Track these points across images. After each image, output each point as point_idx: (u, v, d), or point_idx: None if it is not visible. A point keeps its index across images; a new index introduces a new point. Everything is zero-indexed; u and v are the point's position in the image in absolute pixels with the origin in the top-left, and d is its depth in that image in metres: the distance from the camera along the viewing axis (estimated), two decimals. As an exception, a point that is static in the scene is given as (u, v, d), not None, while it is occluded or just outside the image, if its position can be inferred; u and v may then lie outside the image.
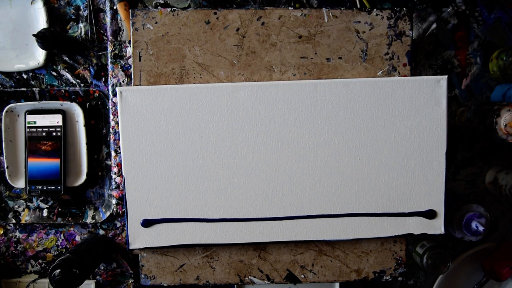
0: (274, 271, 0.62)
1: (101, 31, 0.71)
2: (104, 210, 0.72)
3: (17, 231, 0.74)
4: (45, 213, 0.73)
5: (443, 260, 0.67)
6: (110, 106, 0.69)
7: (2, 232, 0.74)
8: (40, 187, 0.70)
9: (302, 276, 0.62)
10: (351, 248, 0.62)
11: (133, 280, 0.75)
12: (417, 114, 0.57)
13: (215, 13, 0.58)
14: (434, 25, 0.72)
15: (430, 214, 0.59)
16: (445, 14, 0.72)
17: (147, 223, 0.58)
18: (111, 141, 0.70)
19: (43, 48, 0.67)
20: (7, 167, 0.71)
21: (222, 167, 0.58)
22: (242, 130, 0.57)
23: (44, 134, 0.70)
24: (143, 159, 0.57)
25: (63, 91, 0.70)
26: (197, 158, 0.57)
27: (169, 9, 0.57)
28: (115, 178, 0.70)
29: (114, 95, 0.69)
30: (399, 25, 0.59)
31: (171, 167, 0.57)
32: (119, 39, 0.70)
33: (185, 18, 0.57)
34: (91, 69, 0.72)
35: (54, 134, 0.70)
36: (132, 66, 0.58)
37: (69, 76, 0.72)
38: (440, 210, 0.59)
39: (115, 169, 0.70)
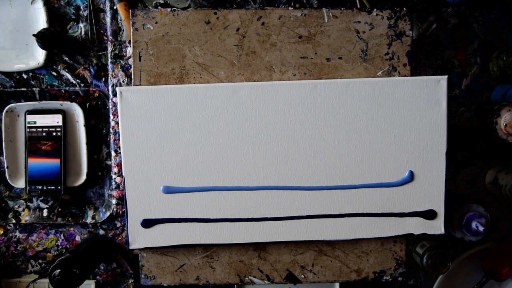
0: (274, 271, 0.62)
1: (101, 31, 0.71)
2: (104, 210, 0.72)
3: (17, 231, 0.74)
4: (45, 213, 0.73)
5: (443, 260, 0.67)
6: (110, 106, 0.69)
7: (2, 232, 0.74)
8: (40, 187, 0.70)
9: (302, 276, 0.62)
10: (351, 248, 0.62)
11: (133, 280, 0.75)
12: (417, 114, 0.57)
13: (215, 13, 0.58)
14: (434, 25, 0.72)
15: (430, 214, 0.59)
16: (445, 14, 0.72)
17: (147, 223, 0.58)
18: (111, 141, 0.70)
19: (43, 48, 0.67)
20: (7, 167, 0.71)
21: (222, 167, 0.58)
22: (242, 130, 0.57)
23: (44, 134, 0.70)
24: (143, 159, 0.57)
25: (63, 91, 0.70)
26: (197, 158, 0.57)
27: (169, 9, 0.57)
28: (115, 178, 0.70)
29: (114, 95, 0.69)
30: (399, 25, 0.59)
31: (171, 167, 0.57)
32: (119, 39, 0.70)
33: (185, 18, 0.57)
34: (91, 69, 0.72)
35: (54, 134, 0.70)
36: (132, 66, 0.58)
37: (69, 76, 0.72)
38: (440, 210, 0.59)
39: (115, 169, 0.70)
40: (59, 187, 0.70)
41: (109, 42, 0.69)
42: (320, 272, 0.62)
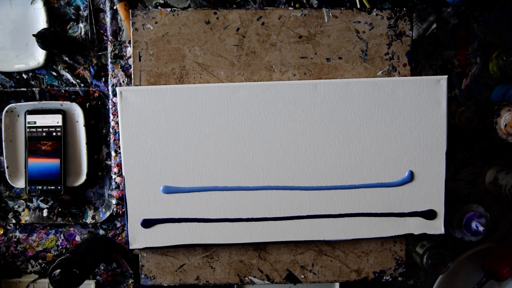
0: (274, 271, 0.62)
1: (101, 31, 0.71)
2: (104, 210, 0.72)
3: (17, 231, 0.74)
4: (45, 213, 0.73)
5: (443, 260, 0.67)
6: (110, 106, 0.69)
7: (2, 232, 0.74)
8: (40, 187, 0.70)
9: (302, 276, 0.62)
10: (351, 248, 0.62)
11: (133, 280, 0.75)
12: (417, 114, 0.57)
13: (215, 13, 0.58)
14: (434, 25, 0.72)
15: (430, 214, 0.59)
16: (445, 14, 0.72)
17: (147, 223, 0.58)
18: (111, 141, 0.70)
19: (43, 48, 0.67)
20: (7, 167, 0.71)
21: (222, 167, 0.58)
22: (242, 130, 0.57)
23: (44, 134, 0.70)
24: (143, 159, 0.57)
25: (63, 91, 0.70)
26: (197, 158, 0.57)
27: (169, 9, 0.57)
28: (115, 178, 0.70)
29: (114, 95, 0.69)
30: (399, 25, 0.59)
31: (171, 167, 0.57)
32: (119, 39, 0.70)
33: (185, 18, 0.57)
34: (91, 69, 0.72)
35: (54, 134, 0.70)
36: (132, 66, 0.58)
37: (69, 76, 0.72)
38: (440, 210, 0.59)
39: (115, 169, 0.70)
40: (59, 187, 0.70)
41: (109, 42, 0.69)
42: (320, 272, 0.62)
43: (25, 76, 0.72)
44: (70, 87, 0.72)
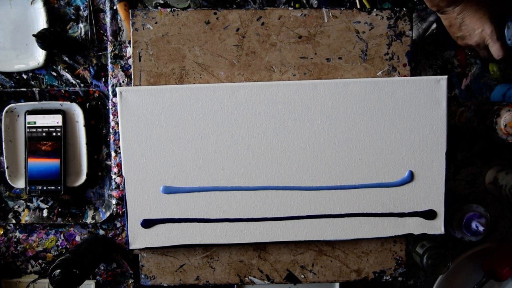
0: (274, 271, 0.62)
1: (101, 31, 0.71)
2: (104, 210, 0.72)
3: (17, 231, 0.74)
4: (45, 213, 0.73)
5: (443, 260, 0.67)
6: (110, 106, 0.69)
7: (2, 232, 0.74)
8: (40, 187, 0.70)
9: (302, 276, 0.62)
10: (351, 248, 0.62)
11: (133, 280, 0.75)
12: (417, 114, 0.57)
13: (215, 13, 0.58)
14: (434, 25, 0.72)
15: (430, 214, 0.59)
16: (445, 14, 0.72)
17: (147, 223, 0.58)
18: (111, 141, 0.70)
19: (43, 48, 0.67)
20: (7, 167, 0.71)
21: (222, 167, 0.58)
22: (242, 130, 0.57)
23: (44, 134, 0.70)
24: (143, 159, 0.57)
25: (63, 91, 0.70)
26: (197, 158, 0.57)
27: (169, 9, 0.57)
28: (115, 178, 0.70)
29: (114, 95, 0.69)
30: (399, 25, 0.59)
31: (171, 167, 0.57)
32: (119, 39, 0.70)
33: (185, 18, 0.57)
34: (91, 69, 0.72)
35: (54, 134, 0.70)
36: (132, 66, 0.58)
37: (69, 76, 0.72)
38: (440, 210, 0.59)
39: (115, 169, 0.70)
40: (59, 187, 0.70)
41: (109, 42, 0.69)
42: (320, 272, 0.62)
43: (25, 76, 0.72)
44: (70, 87, 0.72)
